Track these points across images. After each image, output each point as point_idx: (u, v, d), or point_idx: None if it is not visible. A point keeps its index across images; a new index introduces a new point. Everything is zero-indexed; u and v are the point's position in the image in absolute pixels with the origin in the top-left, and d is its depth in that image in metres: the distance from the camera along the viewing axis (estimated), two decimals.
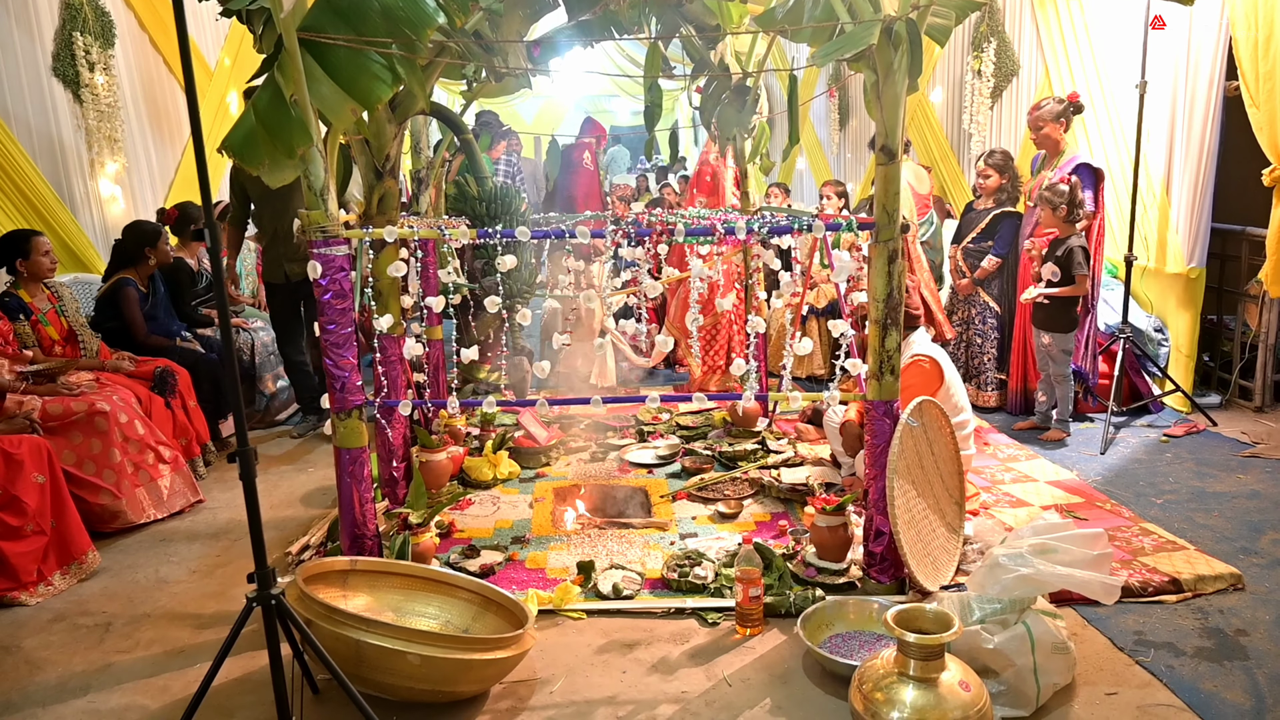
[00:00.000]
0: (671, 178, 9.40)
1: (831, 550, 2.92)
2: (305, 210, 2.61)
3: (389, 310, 3.34)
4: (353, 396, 2.74)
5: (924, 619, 2.03)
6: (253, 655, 2.56)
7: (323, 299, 2.66)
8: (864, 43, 2.44)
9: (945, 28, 2.87)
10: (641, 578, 2.96)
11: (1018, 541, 2.42)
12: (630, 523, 3.46)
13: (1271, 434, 4.26)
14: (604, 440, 4.52)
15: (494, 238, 2.78)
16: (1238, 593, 2.80)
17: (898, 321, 2.68)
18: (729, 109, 4.22)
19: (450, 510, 3.60)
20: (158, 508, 3.69)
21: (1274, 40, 4.00)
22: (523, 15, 3.46)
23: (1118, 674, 2.40)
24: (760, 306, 4.60)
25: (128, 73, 5.56)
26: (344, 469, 2.78)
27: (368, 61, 2.54)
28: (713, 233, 2.78)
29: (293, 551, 3.26)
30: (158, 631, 2.81)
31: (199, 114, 1.92)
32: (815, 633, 2.56)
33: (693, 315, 2.79)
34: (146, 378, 4.08)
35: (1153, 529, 3.23)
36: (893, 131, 2.60)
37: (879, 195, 2.64)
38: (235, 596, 2.99)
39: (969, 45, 6.20)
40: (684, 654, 2.57)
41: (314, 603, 2.21)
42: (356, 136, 3.23)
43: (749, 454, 4.12)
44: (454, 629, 2.60)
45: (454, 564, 3.07)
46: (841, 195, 5.91)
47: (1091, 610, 2.67)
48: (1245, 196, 4.56)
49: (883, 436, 2.73)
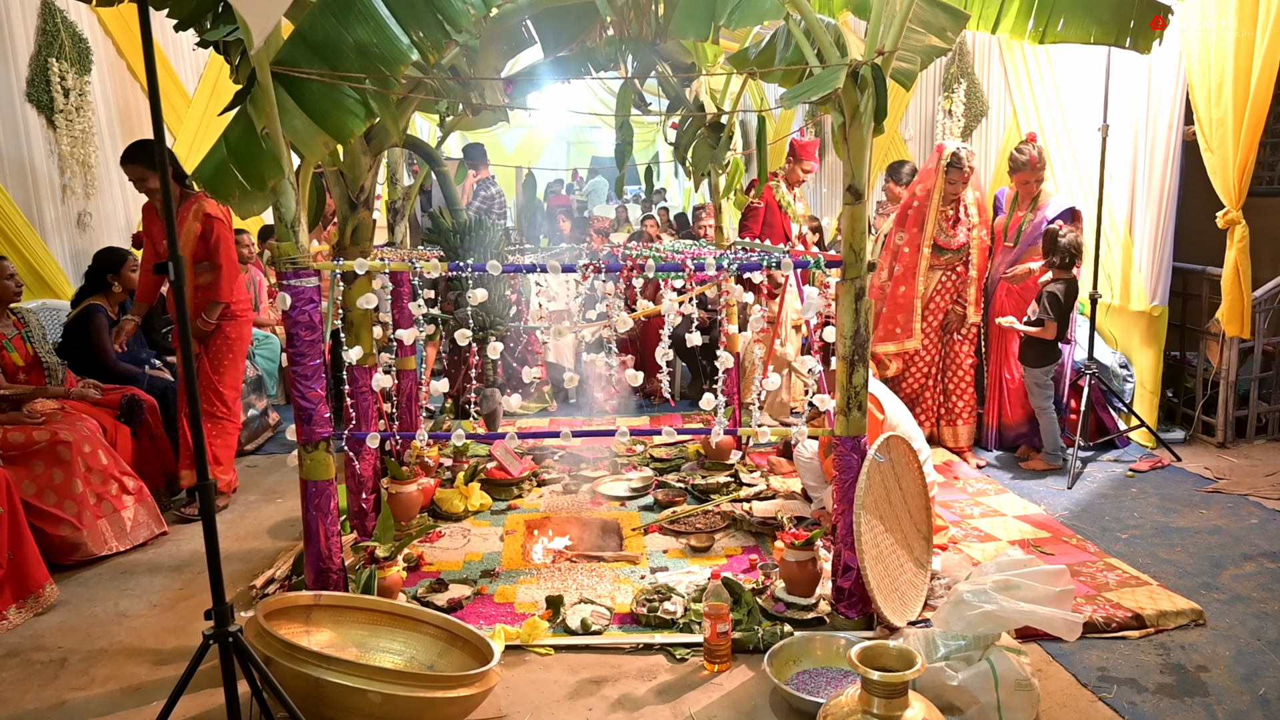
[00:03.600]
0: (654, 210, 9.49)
1: (800, 585, 2.93)
2: (276, 241, 2.61)
3: (360, 341, 3.33)
4: (320, 428, 2.73)
5: (888, 656, 2.04)
6: (211, 692, 2.51)
7: (292, 330, 2.66)
8: (830, 86, 2.49)
9: (911, 72, 2.95)
10: (611, 612, 2.94)
11: (982, 578, 2.44)
12: (601, 556, 3.44)
13: (1233, 469, 4.34)
14: (577, 472, 4.51)
15: (466, 270, 2.80)
16: (1199, 628, 2.83)
17: (865, 358, 2.72)
18: (703, 145, 4.28)
19: (419, 543, 3.56)
20: (120, 539, 3.62)
21: (1225, 87, 4.14)
22: (500, 51, 3.51)
23: (1081, 710, 2.42)
24: (732, 340, 4.64)
25: (103, 99, 5.54)
26: (310, 501, 2.75)
27: (341, 96, 2.56)
28: (683, 269, 2.81)
29: (257, 585, 3.21)
30: (114, 668, 2.75)
31: (164, 138, 1.92)
32: (783, 669, 2.55)
33: (662, 349, 2.80)
34: (113, 406, 4.03)
35: (1117, 564, 3.27)
36: (859, 172, 2.65)
37: (846, 234, 2.69)
38: (196, 631, 2.93)
39: (940, 86, 6.35)
40: (651, 691, 2.55)
41: (273, 639, 2.17)
42: (331, 168, 3.24)
43: (721, 487, 4.13)
44: (419, 665, 2.56)
45: (421, 598, 3.04)
46: (816, 230, 5.99)
47: (1056, 646, 2.69)
48: (1205, 237, 4.68)
49: (850, 472, 2.75)
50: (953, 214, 4.56)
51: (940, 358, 4.74)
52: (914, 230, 4.59)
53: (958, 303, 4.63)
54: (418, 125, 9.95)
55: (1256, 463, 4.43)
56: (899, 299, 4.64)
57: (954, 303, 4.65)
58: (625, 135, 3.54)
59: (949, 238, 4.55)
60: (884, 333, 4.69)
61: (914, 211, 4.59)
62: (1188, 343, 5.05)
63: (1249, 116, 4.10)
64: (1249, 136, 4.13)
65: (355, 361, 2.99)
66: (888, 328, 4.69)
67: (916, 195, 4.60)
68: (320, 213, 3.34)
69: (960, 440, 4.72)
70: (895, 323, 4.67)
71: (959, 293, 4.63)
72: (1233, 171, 4.22)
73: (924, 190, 4.56)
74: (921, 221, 4.56)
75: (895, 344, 4.65)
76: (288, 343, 2.68)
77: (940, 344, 4.73)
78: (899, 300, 4.64)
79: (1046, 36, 3.22)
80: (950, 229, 4.55)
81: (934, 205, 4.50)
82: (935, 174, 4.48)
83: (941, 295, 4.65)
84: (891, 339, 4.67)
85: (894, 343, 4.66)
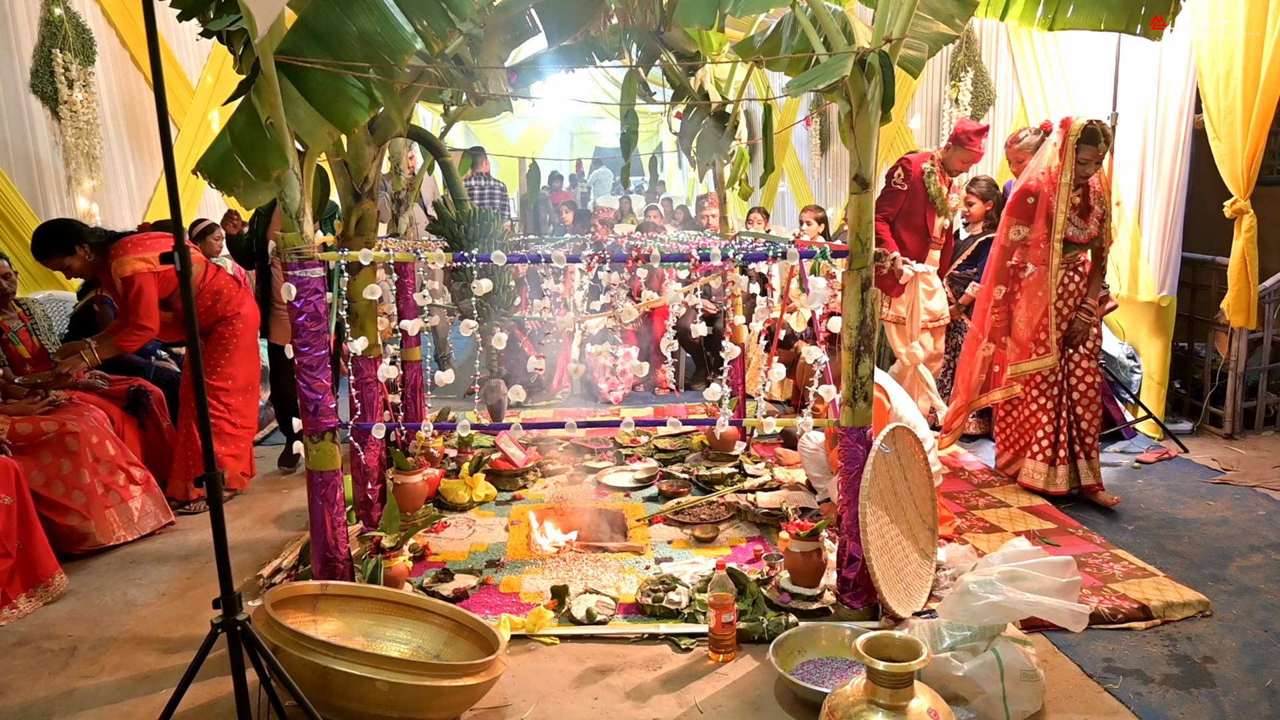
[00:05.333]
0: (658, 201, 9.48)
1: (805, 576, 2.93)
2: (281, 233, 2.61)
3: (365, 332, 3.33)
4: (326, 419, 2.73)
5: (894, 646, 2.03)
6: (220, 681, 2.53)
7: (297, 321, 2.66)
8: (838, 74, 2.48)
9: (918, 60, 2.93)
10: (616, 602, 2.95)
11: (988, 569, 2.44)
12: (606, 546, 3.45)
13: (1241, 461, 4.32)
14: (581, 463, 4.51)
15: (470, 261, 2.79)
16: (1205, 620, 2.82)
17: (871, 348, 2.71)
18: (708, 135, 4.26)
19: (425, 533, 3.57)
20: (128, 529, 3.64)
21: (1233, 75, 4.10)
22: (503, 40, 3.49)
23: (1087, 701, 2.41)
24: (738, 331, 4.63)
25: (108, 90, 5.54)
26: (316, 492, 2.76)
27: (345, 85, 2.55)
28: (688, 258, 2.80)
29: (264, 575, 3.23)
30: (124, 656, 2.76)
31: (169, 129, 1.92)
32: (788, 659, 2.55)
33: (667, 340, 2.80)
34: (120, 397, 4.04)
35: (1123, 555, 3.26)
36: (865, 161, 2.63)
37: (852, 224, 2.67)
38: (204, 620, 2.94)
39: (947, 74, 6.31)
40: (656, 680, 2.55)
41: (281, 628, 2.18)
42: (335, 158, 3.24)
43: (726, 478, 4.13)
44: (425, 655, 2.57)
45: (427, 588, 3.05)
46: (821, 220, 5.97)
47: (1061, 637, 2.69)
48: (1214, 227, 4.65)
49: (856, 462, 2.75)
50: (1080, 201, 3.76)
51: (1063, 377, 3.87)
52: (1041, 223, 3.77)
53: (1081, 309, 3.83)
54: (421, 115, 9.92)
55: (1264, 454, 4.41)
56: (1036, 305, 3.80)
57: (1077, 309, 3.84)
58: (631, 124, 3.53)
59: (1079, 229, 3.75)
60: (1021, 348, 3.87)
61: (1038, 201, 3.76)
62: (1196, 334, 5.02)
63: (1259, 104, 4.07)
64: (1259, 125, 4.10)
65: (360, 352, 2.99)
66: (1023, 342, 3.85)
67: (1038, 180, 3.78)
68: (324, 204, 3.33)
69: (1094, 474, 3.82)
70: (1032, 334, 3.82)
71: (1081, 296, 3.85)
72: (1241, 160, 4.19)
73: (1047, 175, 3.74)
74: (1048, 213, 3.74)
75: (1032, 362, 3.83)
76: (293, 333, 2.68)
77: (1062, 360, 3.88)
78: (1036, 306, 3.80)
79: (1056, 23, 3.19)
80: (1080, 219, 3.76)
81: (1063, 192, 3.67)
82: (1062, 153, 3.66)
83: (1064, 300, 3.83)
84: (1027, 357, 3.84)
85: (1029, 361, 3.83)
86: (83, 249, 3.77)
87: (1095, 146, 3.62)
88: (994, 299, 3.99)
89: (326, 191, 3.40)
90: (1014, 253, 3.89)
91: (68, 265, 3.80)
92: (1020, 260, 3.87)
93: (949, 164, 4.51)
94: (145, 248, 3.80)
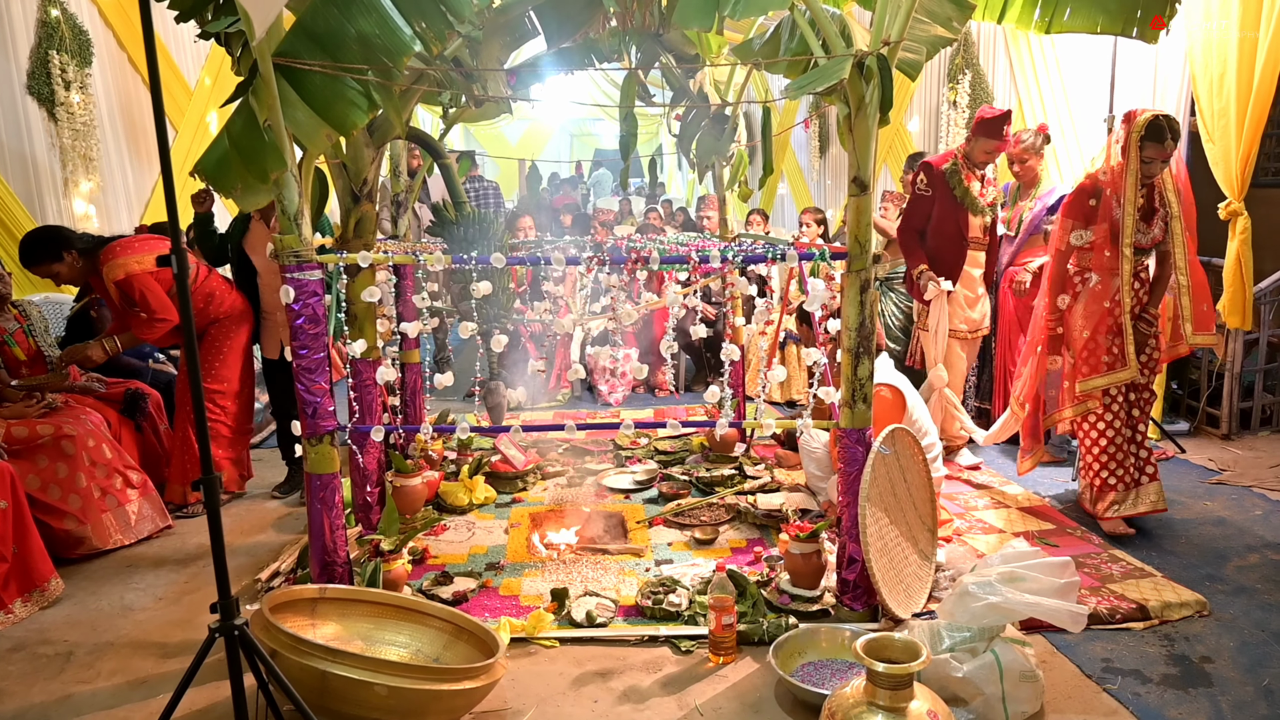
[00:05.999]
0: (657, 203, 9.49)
1: (805, 577, 2.93)
2: (279, 235, 2.61)
3: (364, 335, 3.32)
4: (324, 422, 2.72)
5: (893, 648, 2.03)
6: (218, 685, 2.52)
7: (295, 324, 2.65)
8: (836, 77, 2.48)
9: (916, 63, 2.93)
10: (616, 605, 2.94)
11: (987, 570, 2.44)
12: (606, 549, 3.44)
13: (1238, 461, 4.33)
14: (581, 465, 4.51)
15: (469, 263, 2.79)
16: (1203, 619, 2.83)
17: (870, 350, 2.71)
18: (708, 137, 4.26)
19: (424, 536, 3.57)
20: (125, 533, 3.63)
21: (1227, 78, 4.11)
22: (502, 42, 3.49)
23: (1086, 701, 2.42)
24: (738, 333, 4.63)
25: (105, 91, 5.54)
26: (315, 495, 2.75)
27: (344, 87, 2.55)
28: (687, 260, 2.80)
29: (262, 578, 3.22)
30: (120, 661, 2.75)
31: (166, 131, 1.91)
32: (788, 661, 2.55)
33: (666, 342, 2.80)
34: (117, 400, 4.03)
35: (1121, 555, 3.27)
36: (864, 163, 2.64)
37: (851, 226, 2.67)
38: (202, 625, 2.94)
39: (945, 77, 6.32)
40: (656, 683, 2.55)
41: (279, 632, 2.18)
42: (334, 160, 3.23)
43: (726, 479, 4.13)
44: (424, 658, 2.57)
45: (426, 591, 3.05)
46: (821, 223, 5.98)
47: (1060, 637, 2.69)
48: (1209, 229, 4.66)
49: (855, 464, 2.75)
50: (1144, 203, 3.44)
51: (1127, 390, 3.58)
52: (1104, 226, 3.44)
53: (1141, 319, 3.53)
54: (420, 117, 9.93)
55: (1261, 454, 4.43)
56: (1101, 317, 3.45)
57: (1138, 317, 3.53)
58: (630, 127, 3.53)
59: (1141, 234, 3.44)
60: (1089, 361, 3.49)
61: (1100, 203, 3.46)
62: None
63: (1253, 107, 4.08)
64: (1252, 127, 4.11)
65: (359, 355, 2.99)
66: (1092, 354, 3.48)
67: (1100, 181, 3.48)
68: (324, 205, 3.33)
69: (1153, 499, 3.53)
70: (1100, 346, 3.47)
71: (1142, 305, 3.56)
72: (1235, 163, 4.20)
73: (1110, 175, 3.43)
74: (1110, 215, 3.42)
75: (1104, 376, 3.47)
76: (291, 336, 2.68)
77: None
78: (1100, 318, 3.45)
79: (1053, 26, 3.20)
80: (1143, 222, 3.44)
81: (1129, 193, 3.35)
82: (1125, 150, 3.36)
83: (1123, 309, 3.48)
84: (1099, 370, 3.47)
85: (1102, 375, 3.47)
86: (70, 255, 3.77)
87: (1161, 144, 3.29)
88: (1055, 309, 3.63)
89: (325, 194, 3.40)
90: (1072, 258, 3.57)
91: (56, 272, 3.80)
92: (1080, 266, 3.57)
93: (973, 156, 4.18)
94: (136, 250, 3.79)
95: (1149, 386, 3.57)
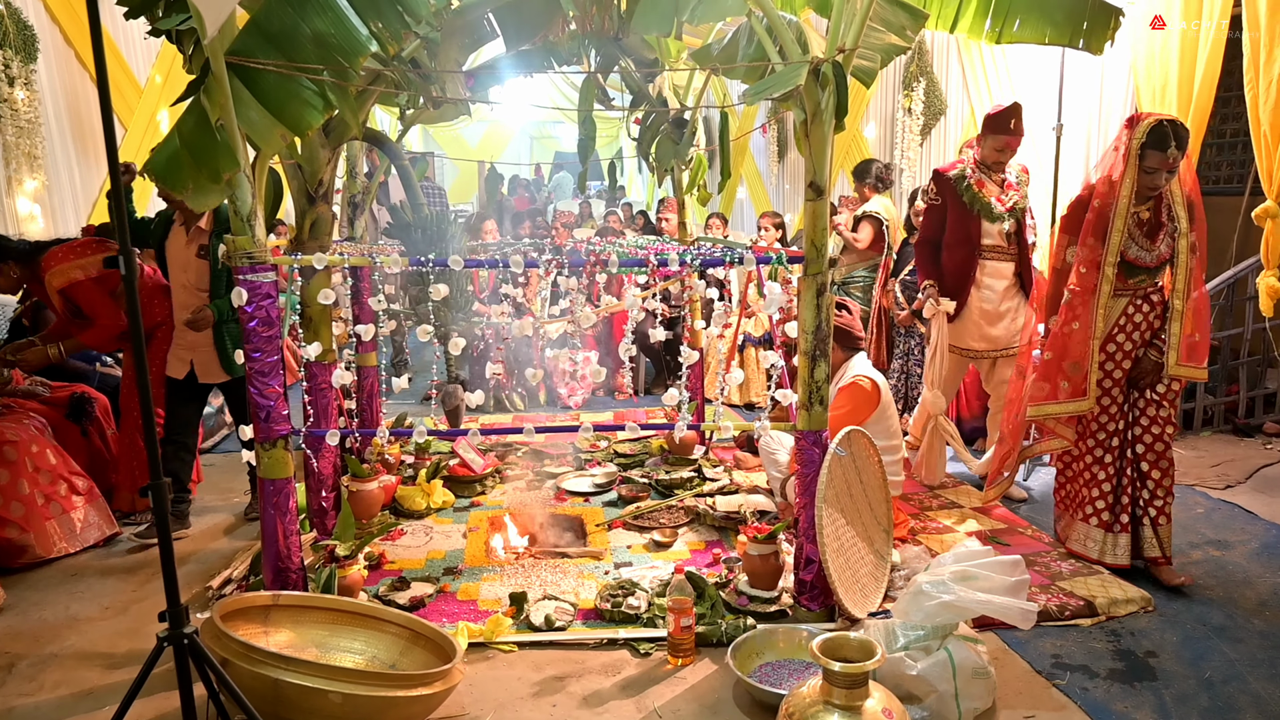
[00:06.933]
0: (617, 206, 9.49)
1: (763, 578, 2.95)
2: (231, 236, 2.56)
3: (319, 338, 3.28)
4: (278, 426, 2.68)
5: (849, 647, 2.06)
6: (167, 695, 2.46)
7: (248, 326, 2.61)
8: (792, 83, 2.51)
9: (871, 70, 2.98)
10: (575, 608, 2.94)
11: (940, 569, 2.49)
12: (565, 552, 3.43)
13: (1181, 461, 4.44)
14: (541, 468, 4.50)
15: (427, 265, 2.77)
16: (1148, 615, 2.91)
17: (826, 353, 2.74)
18: (667, 141, 4.29)
19: (381, 541, 3.52)
20: (69, 541, 3.53)
21: (1169, 89, 4.26)
22: (461, 44, 3.48)
23: (1036, 697, 2.47)
24: (696, 336, 4.66)
25: (51, 88, 5.38)
26: (268, 500, 2.71)
27: (298, 87, 2.51)
28: (646, 264, 2.81)
29: (214, 586, 3.15)
30: (65, 673, 2.68)
31: (114, 130, 1.87)
32: (746, 662, 2.57)
33: (625, 345, 2.80)
34: (62, 404, 3.92)
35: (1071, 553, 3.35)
36: (820, 169, 2.67)
37: (807, 230, 2.71)
38: (150, 634, 2.86)
39: (900, 84, 6.43)
40: (615, 686, 2.55)
41: (230, 640, 2.14)
42: (289, 161, 3.19)
43: (685, 482, 4.14)
44: (380, 665, 2.54)
45: (383, 597, 3.01)
46: (779, 226, 6.03)
47: (1011, 634, 2.75)
48: None
49: (812, 465, 2.78)
50: (1149, 216, 3.12)
51: (1126, 426, 3.24)
52: (1091, 241, 3.14)
53: (1152, 345, 3.19)
54: (378, 118, 9.82)
55: (1203, 454, 4.57)
56: (1068, 338, 3.20)
57: (1146, 344, 3.21)
58: (588, 130, 3.54)
59: (1142, 251, 3.10)
60: (1046, 388, 3.26)
61: (1093, 214, 3.13)
62: None
63: (1192, 116, 4.22)
64: (1192, 136, 4.25)
65: (314, 358, 2.95)
66: (1051, 380, 3.24)
67: (1095, 189, 3.16)
68: (278, 207, 3.28)
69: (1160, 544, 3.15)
70: (1060, 372, 3.21)
71: (1153, 330, 3.21)
72: None
73: (1107, 184, 3.12)
74: (1102, 230, 3.10)
75: (1060, 404, 3.22)
76: (244, 339, 2.63)
77: (1125, 405, 3.23)
78: (1068, 340, 3.21)
79: (1003, 36, 3.28)
80: (1147, 239, 3.11)
81: (1121, 205, 3.05)
82: (1125, 158, 3.04)
83: (1127, 334, 3.19)
84: (1054, 398, 3.23)
85: (1057, 402, 3.22)
86: (6, 266, 3.69)
87: (1163, 152, 2.97)
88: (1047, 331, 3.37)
89: (279, 195, 3.35)
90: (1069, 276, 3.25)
91: (7, 272, 3.70)
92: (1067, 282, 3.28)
93: (985, 159, 3.90)
94: (79, 254, 3.69)
95: (1161, 420, 3.17)
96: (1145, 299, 3.19)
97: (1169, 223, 3.11)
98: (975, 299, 3.94)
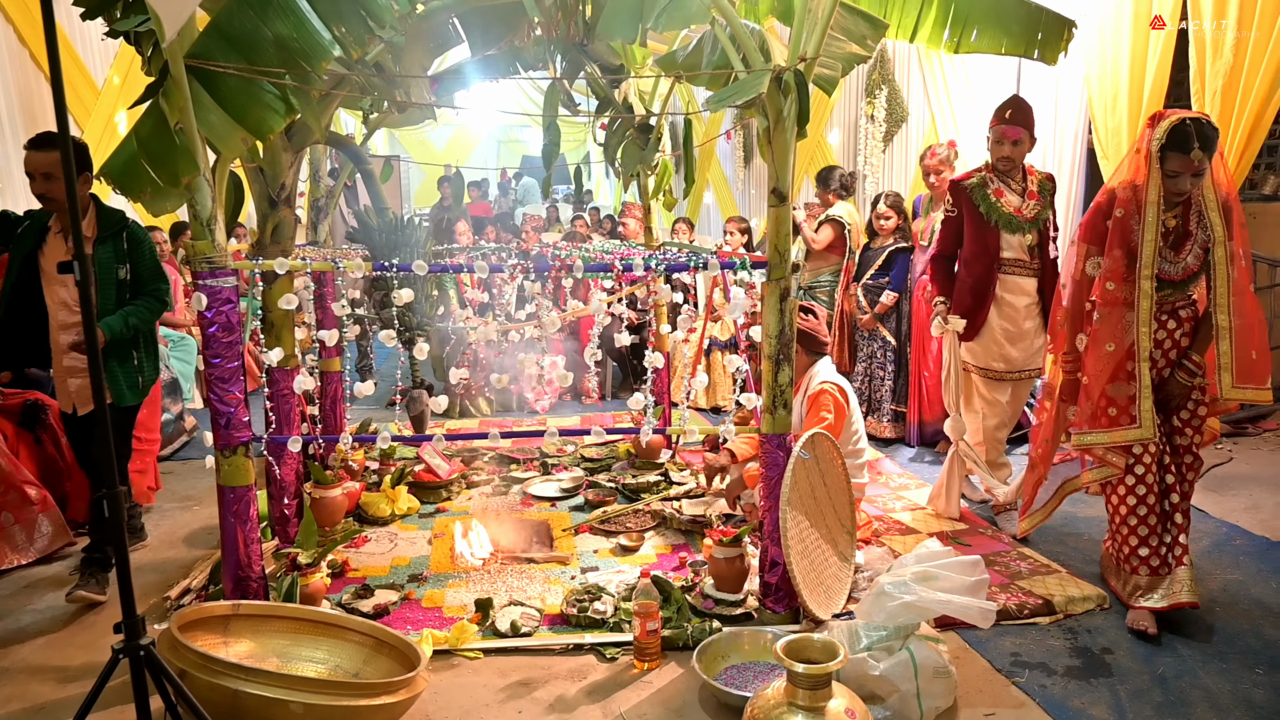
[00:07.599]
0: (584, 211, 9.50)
1: (729, 581, 2.97)
2: (191, 240, 2.52)
3: (281, 343, 3.24)
4: (238, 433, 2.64)
5: (813, 648, 2.08)
6: (123, 709, 2.41)
7: (208, 332, 2.57)
8: (755, 91, 2.54)
9: (833, 78, 3.03)
10: (541, 614, 2.93)
11: (902, 569, 2.53)
12: (531, 557, 3.43)
13: None
14: (507, 473, 4.48)
15: (391, 270, 2.75)
16: (1104, 612, 2.98)
17: (790, 357, 2.77)
18: (632, 146, 4.30)
19: (344, 548, 3.49)
20: (22, 552, 3.45)
21: (1119, 100, 4.37)
22: (426, 49, 3.46)
23: (996, 695, 2.52)
24: (662, 340, 4.67)
25: (3, 89, 5.26)
26: (228, 508, 2.67)
27: (260, 91, 2.49)
28: (612, 269, 2.82)
29: (172, 596, 3.09)
30: (16, 687, 2.61)
31: (69, 131, 1.85)
32: (711, 665, 2.59)
33: (591, 349, 2.81)
34: (14, 411, 3.82)
35: (1029, 553, 3.42)
36: (783, 175, 2.70)
37: (770, 235, 2.74)
38: (106, 647, 2.78)
39: (863, 91, 6.53)
40: (581, 691, 2.55)
41: (188, 651, 2.10)
42: (250, 164, 3.15)
43: (651, 486, 4.16)
44: (344, 674, 2.51)
45: (346, 605, 2.98)
46: (745, 231, 6.07)
47: (972, 633, 2.80)
48: None
49: (776, 469, 2.80)
50: (1176, 224, 2.82)
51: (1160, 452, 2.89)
52: (1117, 253, 2.81)
53: (1181, 365, 2.89)
54: (343, 121, 9.72)
55: None
56: (1106, 360, 2.84)
57: (1173, 365, 2.91)
58: (553, 136, 3.55)
59: (1170, 263, 2.82)
60: (1090, 413, 2.88)
61: (1115, 223, 2.81)
62: None
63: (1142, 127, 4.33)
64: None
65: (276, 363, 2.91)
66: (1096, 405, 2.86)
67: (1116, 195, 2.84)
68: (239, 211, 3.23)
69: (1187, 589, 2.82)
70: (1104, 398, 2.84)
71: (1180, 349, 2.91)
72: None
73: (1129, 190, 2.81)
74: (1128, 240, 2.80)
75: (1109, 432, 2.84)
76: (204, 345, 2.59)
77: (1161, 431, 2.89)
78: (1106, 362, 2.84)
79: (961, 46, 3.35)
80: (1171, 250, 2.82)
81: (1150, 215, 2.74)
82: (1146, 160, 2.75)
83: (1158, 353, 2.91)
84: (1101, 424, 2.85)
85: (1107, 430, 2.84)
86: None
87: (1186, 154, 2.65)
88: (1073, 350, 3.03)
89: (240, 199, 3.30)
90: (1092, 289, 2.94)
91: None
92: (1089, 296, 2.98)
93: (991, 157, 3.63)
94: None
95: (1191, 449, 2.94)
96: (1172, 315, 2.88)
97: (1198, 231, 2.80)
98: (995, 317, 3.62)
